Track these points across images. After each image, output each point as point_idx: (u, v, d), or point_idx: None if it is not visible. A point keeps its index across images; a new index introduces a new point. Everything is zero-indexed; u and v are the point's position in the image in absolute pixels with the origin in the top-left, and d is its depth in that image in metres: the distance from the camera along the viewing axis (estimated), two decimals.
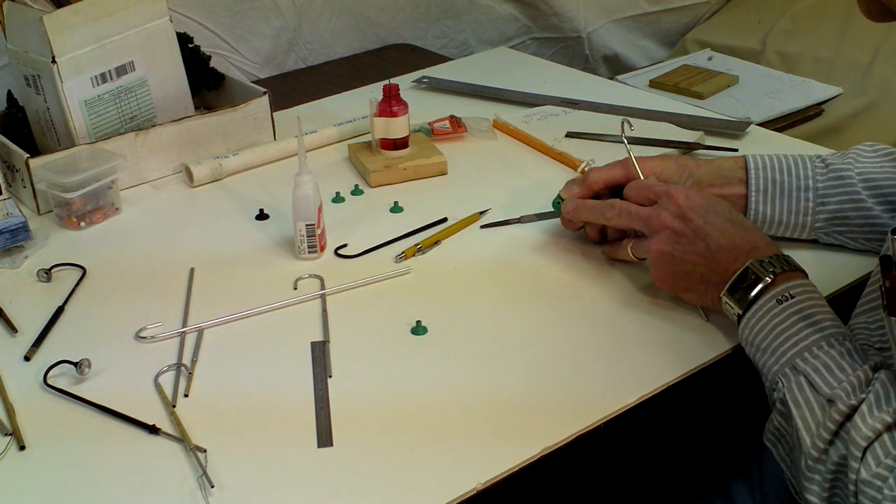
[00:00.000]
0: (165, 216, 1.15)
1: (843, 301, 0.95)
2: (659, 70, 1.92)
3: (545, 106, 1.39)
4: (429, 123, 1.31)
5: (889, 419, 0.68)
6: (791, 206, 0.97)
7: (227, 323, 0.93)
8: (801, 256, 1.00)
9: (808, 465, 0.72)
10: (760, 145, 1.26)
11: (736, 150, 1.22)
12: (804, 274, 0.83)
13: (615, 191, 0.99)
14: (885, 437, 0.68)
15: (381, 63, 1.71)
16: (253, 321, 0.93)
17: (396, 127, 1.19)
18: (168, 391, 0.83)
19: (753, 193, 0.97)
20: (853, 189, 0.95)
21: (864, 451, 0.68)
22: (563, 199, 1.00)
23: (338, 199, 1.16)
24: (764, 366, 0.79)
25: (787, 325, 0.78)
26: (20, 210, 1.08)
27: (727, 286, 0.84)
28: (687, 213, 0.88)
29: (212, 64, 1.37)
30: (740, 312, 0.82)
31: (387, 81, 1.20)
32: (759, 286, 0.81)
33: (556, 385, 0.83)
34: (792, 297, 0.79)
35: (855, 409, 0.71)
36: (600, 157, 1.20)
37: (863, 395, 0.71)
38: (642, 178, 0.96)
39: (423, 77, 1.51)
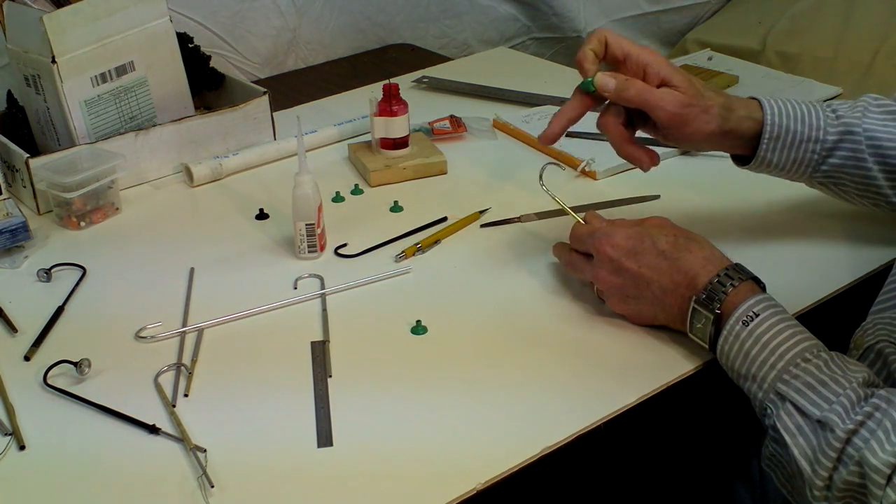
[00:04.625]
0: (165, 216, 1.15)
1: (835, 304, 0.95)
2: None
3: (545, 106, 1.39)
4: (429, 123, 1.31)
5: None
6: (797, 156, 0.95)
7: (227, 323, 0.92)
8: (795, 260, 1.01)
9: (814, 495, 0.72)
10: None
11: None
12: (755, 281, 0.83)
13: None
14: None
15: (381, 63, 1.71)
16: (253, 321, 0.93)
17: (396, 126, 1.19)
18: (168, 391, 0.83)
19: (766, 141, 0.94)
20: (858, 147, 0.94)
21: (889, 476, 0.67)
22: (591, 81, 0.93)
23: (338, 198, 1.16)
24: (749, 392, 0.79)
25: (759, 347, 0.78)
26: (20, 210, 1.08)
27: (688, 328, 0.84)
28: (621, 264, 0.87)
29: (212, 64, 1.37)
30: (706, 347, 0.83)
31: (387, 81, 1.20)
32: (713, 319, 0.81)
33: (556, 384, 0.83)
34: (756, 315, 0.79)
35: (854, 432, 0.70)
36: (600, 156, 1.20)
37: (858, 418, 0.70)
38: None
39: (423, 77, 1.51)
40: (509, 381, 0.84)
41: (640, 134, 0.95)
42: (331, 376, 0.85)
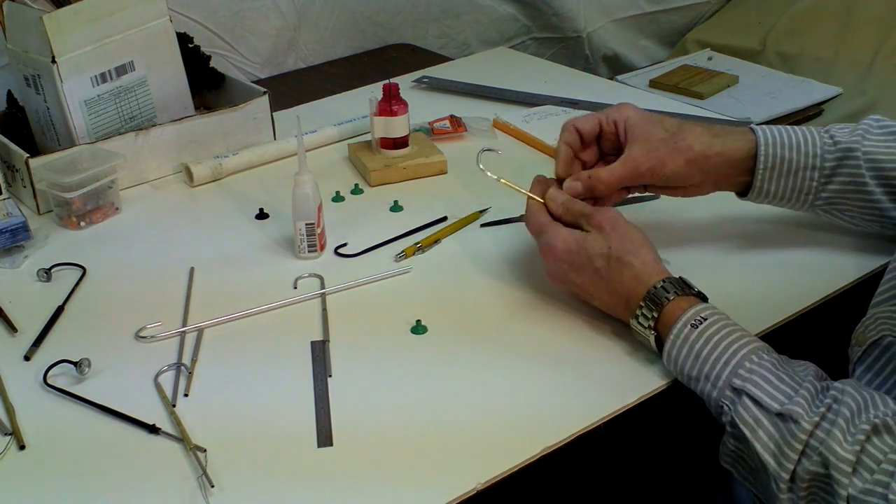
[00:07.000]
0: (165, 216, 1.15)
1: (835, 305, 0.95)
2: (659, 70, 1.92)
3: (545, 106, 1.39)
4: (429, 123, 1.31)
5: (867, 427, 0.69)
6: (796, 184, 0.95)
7: (227, 322, 0.93)
8: (794, 261, 1.01)
9: (779, 488, 0.72)
10: None
11: None
12: (697, 296, 0.83)
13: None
14: (869, 447, 0.69)
15: (381, 63, 1.71)
16: (253, 321, 0.93)
17: (396, 126, 1.19)
18: (168, 391, 0.83)
19: (761, 171, 0.94)
20: (858, 171, 0.94)
21: (855, 466, 0.68)
22: None
23: (338, 198, 1.16)
24: (702, 393, 0.79)
25: (710, 347, 0.78)
26: (20, 210, 1.08)
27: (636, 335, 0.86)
28: (565, 275, 0.89)
29: (212, 64, 1.37)
30: (656, 351, 0.84)
31: (387, 81, 1.20)
32: (653, 336, 0.83)
33: (556, 384, 0.83)
34: (705, 319, 0.80)
35: (817, 424, 0.71)
36: None
37: (821, 409, 0.71)
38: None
39: (423, 77, 1.51)
40: (509, 380, 0.84)
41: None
42: (331, 376, 0.85)
